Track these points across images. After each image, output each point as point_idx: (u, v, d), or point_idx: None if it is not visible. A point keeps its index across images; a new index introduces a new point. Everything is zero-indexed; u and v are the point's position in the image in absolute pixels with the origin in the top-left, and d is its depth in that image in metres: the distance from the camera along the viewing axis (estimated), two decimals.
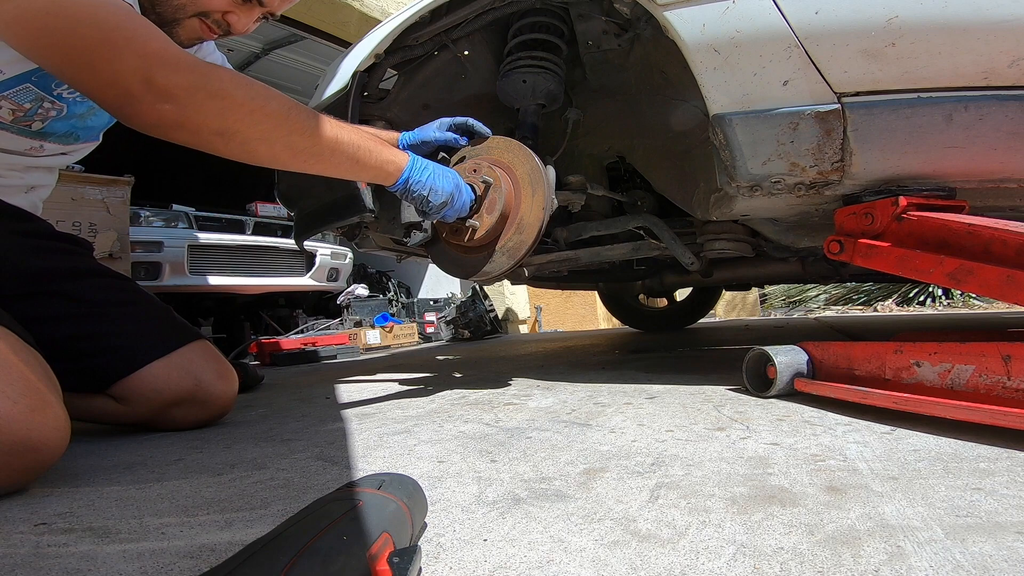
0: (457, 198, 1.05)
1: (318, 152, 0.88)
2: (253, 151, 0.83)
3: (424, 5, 1.28)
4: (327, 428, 0.99)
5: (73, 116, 0.98)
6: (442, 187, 1.02)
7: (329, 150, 0.89)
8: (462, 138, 1.19)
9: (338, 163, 0.92)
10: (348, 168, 0.94)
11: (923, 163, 0.91)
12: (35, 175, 1.05)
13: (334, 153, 0.90)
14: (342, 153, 0.91)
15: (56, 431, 0.72)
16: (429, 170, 1.01)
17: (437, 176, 1.02)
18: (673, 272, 2.18)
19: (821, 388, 0.91)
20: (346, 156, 0.91)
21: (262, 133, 0.82)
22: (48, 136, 0.99)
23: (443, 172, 1.04)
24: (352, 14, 3.27)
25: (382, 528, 0.40)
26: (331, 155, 0.90)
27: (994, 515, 0.47)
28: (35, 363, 0.77)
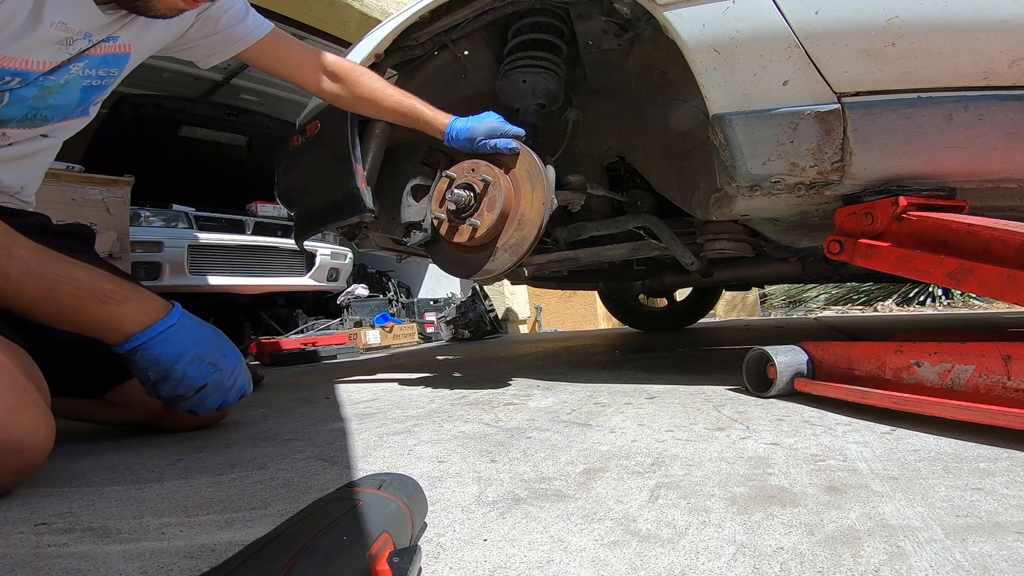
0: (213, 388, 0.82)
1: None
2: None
3: (424, 5, 1.28)
4: (327, 428, 0.99)
5: (22, 100, 0.90)
6: (192, 373, 0.80)
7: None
8: (507, 148, 1.17)
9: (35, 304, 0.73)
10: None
11: (923, 163, 0.91)
12: (17, 167, 0.99)
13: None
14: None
15: (37, 431, 0.69)
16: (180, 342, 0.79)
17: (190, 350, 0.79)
18: (673, 272, 2.17)
19: (821, 388, 0.91)
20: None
21: None
22: (5, 123, 0.91)
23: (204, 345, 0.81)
24: (352, 14, 3.27)
25: (382, 528, 0.40)
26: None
27: (994, 515, 0.47)
28: (19, 362, 0.74)
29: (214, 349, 0.83)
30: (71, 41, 0.88)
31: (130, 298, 0.78)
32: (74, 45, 0.89)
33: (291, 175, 1.61)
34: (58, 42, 0.87)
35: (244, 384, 0.89)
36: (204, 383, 0.82)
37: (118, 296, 0.77)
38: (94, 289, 0.76)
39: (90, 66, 0.94)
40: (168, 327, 0.79)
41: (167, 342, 0.79)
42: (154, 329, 0.78)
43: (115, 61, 0.98)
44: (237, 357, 0.87)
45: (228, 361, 0.84)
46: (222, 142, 4.16)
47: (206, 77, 4.18)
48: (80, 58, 0.92)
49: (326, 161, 1.41)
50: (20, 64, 0.85)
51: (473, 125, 1.19)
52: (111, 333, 0.77)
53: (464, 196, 1.18)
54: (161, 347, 0.79)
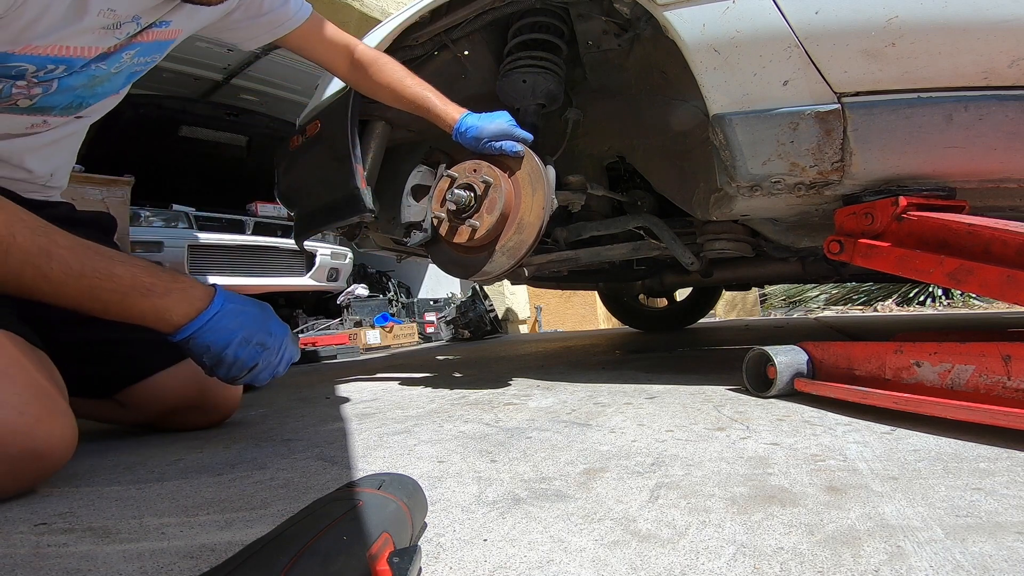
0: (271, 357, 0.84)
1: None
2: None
3: (424, 5, 1.28)
4: (327, 428, 0.99)
5: (70, 89, 0.90)
6: (243, 355, 0.81)
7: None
8: (512, 151, 1.17)
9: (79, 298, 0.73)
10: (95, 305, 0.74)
11: (923, 163, 0.91)
12: (51, 152, 0.98)
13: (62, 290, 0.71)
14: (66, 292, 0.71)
15: (62, 440, 0.71)
16: (227, 327, 0.79)
17: (237, 334, 0.80)
18: (673, 272, 2.17)
19: (821, 388, 0.91)
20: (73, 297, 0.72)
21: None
22: (48, 111, 0.91)
23: (250, 327, 0.81)
24: (352, 14, 3.27)
25: (382, 528, 0.40)
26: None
27: (994, 515, 0.47)
28: (43, 368, 0.76)
29: (260, 328, 0.83)
30: (119, 25, 0.86)
31: (172, 289, 0.78)
32: (122, 29, 0.87)
33: (291, 175, 1.61)
34: (104, 27, 0.85)
35: (292, 354, 0.90)
36: (255, 362, 0.83)
37: (160, 288, 0.77)
38: (136, 284, 0.75)
39: (140, 53, 0.94)
40: (214, 315, 0.79)
41: (215, 329, 0.79)
42: (201, 319, 0.79)
43: (162, 47, 0.98)
44: (283, 331, 0.87)
45: (274, 338, 0.85)
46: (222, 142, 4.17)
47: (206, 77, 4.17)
48: (131, 45, 0.90)
49: (326, 161, 1.41)
50: (63, 51, 0.83)
51: (483, 125, 1.18)
52: (161, 324, 0.78)
53: (464, 196, 1.18)
54: (210, 335, 0.79)
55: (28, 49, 0.80)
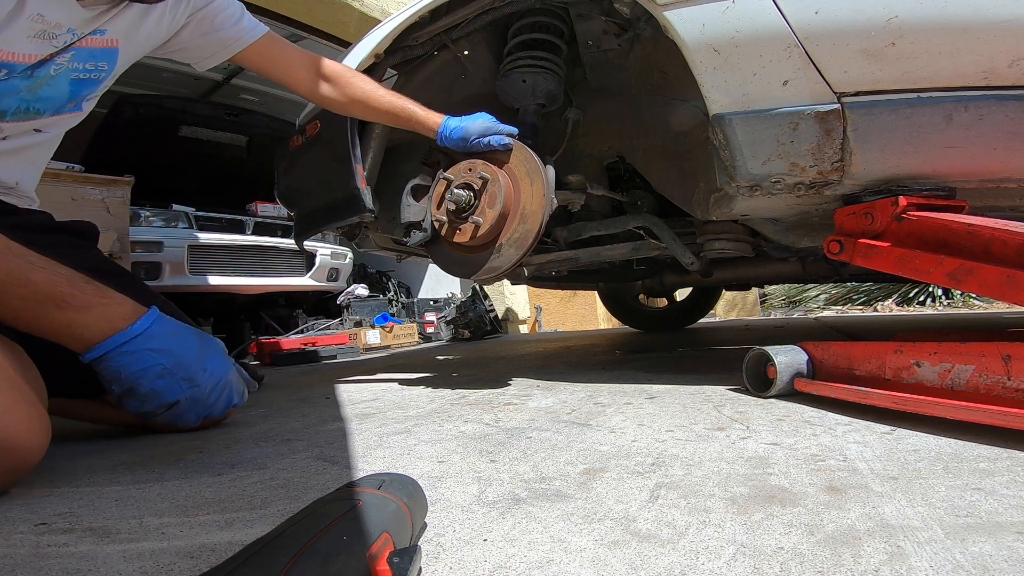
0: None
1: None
2: None
3: (424, 5, 1.28)
4: (327, 428, 0.99)
5: (13, 92, 0.89)
6: (161, 388, 0.75)
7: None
8: (500, 144, 1.18)
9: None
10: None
11: (923, 163, 0.91)
12: (12, 162, 0.98)
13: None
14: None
15: (31, 431, 0.68)
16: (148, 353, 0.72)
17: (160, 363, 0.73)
18: (673, 272, 2.18)
19: (821, 388, 0.91)
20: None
21: None
22: (2, 115, 0.90)
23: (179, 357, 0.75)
24: (352, 14, 3.27)
25: (382, 528, 0.40)
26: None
27: (994, 515, 0.47)
28: (16, 360, 0.73)
29: (192, 362, 0.76)
30: (53, 35, 0.88)
31: (92, 304, 0.73)
32: (57, 39, 0.89)
33: (291, 175, 1.61)
34: (37, 35, 0.87)
35: (231, 396, 0.82)
36: (175, 399, 0.75)
37: (77, 302, 0.72)
38: (51, 294, 0.71)
39: (77, 58, 0.94)
40: (134, 337, 0.73)
41: (130, 354, 0.73)
42: (115, 340, 0.72)
43: (103, 55, 0.98)
44: (223, 369, 0.79)
45: (209, 375, 0.78)
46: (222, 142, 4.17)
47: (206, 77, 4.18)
48: (66, 50, 0.92)
49: (326, 161, 1.41)
50: (4, 56, 0.85)
51: (467, 124, 1.20)
52: (72, 341, 0.72)
53: (464, 195, 1.18)
54: (123, 359, 0.73)
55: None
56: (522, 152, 1.17)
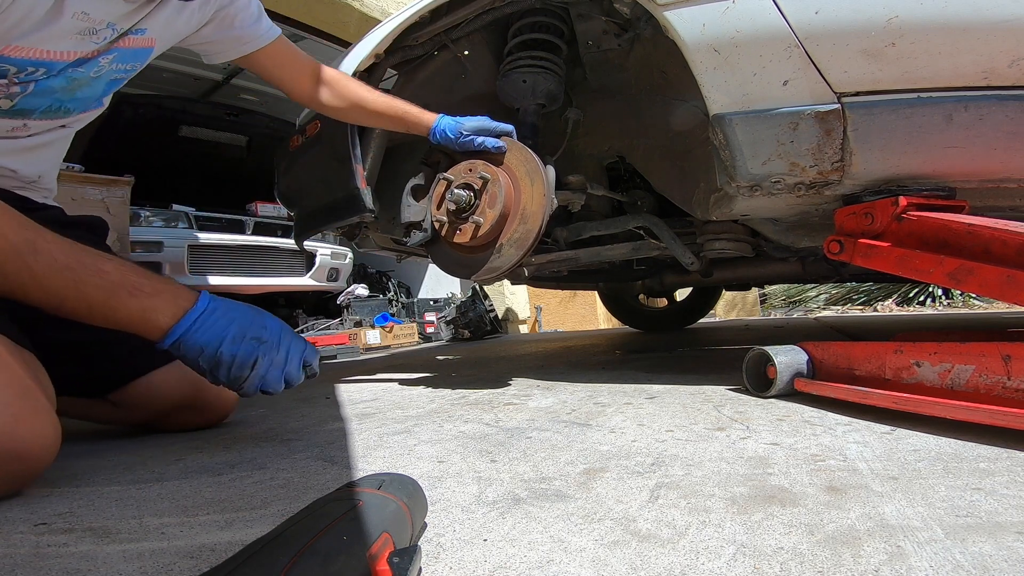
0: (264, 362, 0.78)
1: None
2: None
3: (424, 5, 1.28)
4: (327, 428, 0.99)
5: (48, 91, 0.89)
6: (239, 351, 0.76)
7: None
8: (501, 144, 1.19)
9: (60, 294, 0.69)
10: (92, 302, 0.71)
11: (923, 163, 0.91)
12: (35, 156, 0.99)
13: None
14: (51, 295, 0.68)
15: (42, 439, 0.69)
16: (218, 324, 0.75)
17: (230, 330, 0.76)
18: (673, 272, 2.18)
19: (821, 388, 0.91)
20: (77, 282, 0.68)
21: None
22: (28, 114, 0.91)
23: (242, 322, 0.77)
24: (352, 14, 3.27)
25: (382, 528, 0.40)
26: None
27: (994, 515, 0.47)
28: (27, 365, 0.75)
29: (252, 323, 0.79)
30: (94, 31, 0.87)
31: (160, 290, 0.75)
32: (99, 35, 0.88)
33: (291, 175, 1.61)
34: (80, 32, 0.86)
35: (300, 349, 0.84)
36: (254, 358, 0.78)
37: (148, 288, 0.74)
38: (124, 282, 0.72)
39: (118, 59, 0.94)
40: (201, 313, 0.76)
41: (204, 328, 0.75)
42: (188, 318, 0.75)
43: (141, 55, 0.99)
44: (278, 325, 0.82)
45: (270, 332, 0.80)
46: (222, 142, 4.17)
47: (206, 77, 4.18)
48: (110, 50, 0.91)
49: (326, 161, 1.41)
50: (43, 54, 0.84)
51: (462, 121, 1.21)
52: (147, 327, 0.74)
53: (464, 196, 1.18)
54: (200, 334, 0.75)
55: (10, 50, 0.80)
56: (522, 152, 1.17)
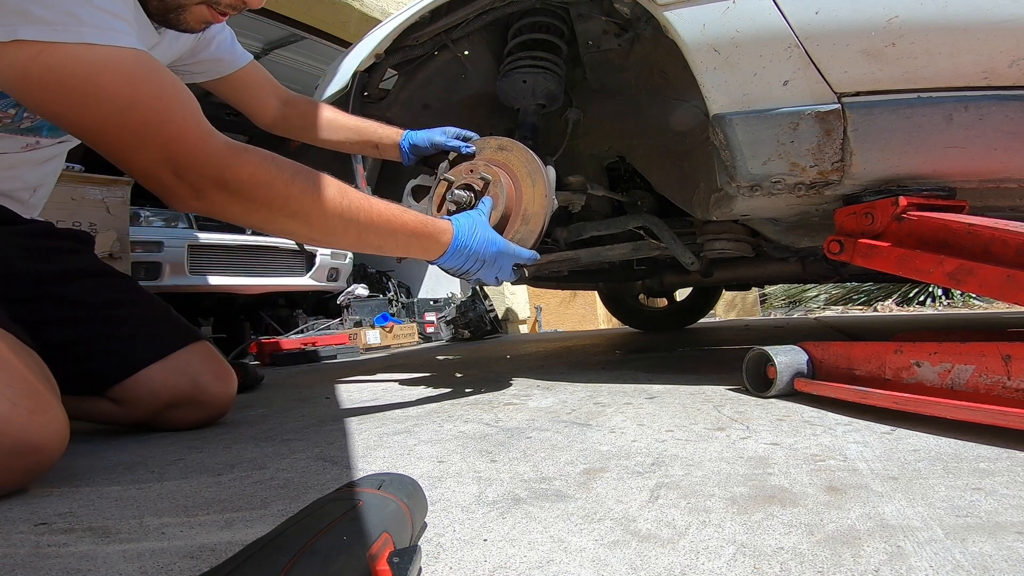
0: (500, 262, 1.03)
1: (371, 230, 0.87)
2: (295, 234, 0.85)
3: (424, 5, 1.28)
4: (327, 428, 0.99)
5: None
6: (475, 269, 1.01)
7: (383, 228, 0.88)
8: (470, 147, 1.20)
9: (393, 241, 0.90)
10: (400, 245, 0.92)
11: (923, 163, 0.91)
12: (37, 172, 1.04)
13: (392, 232, 0.89)
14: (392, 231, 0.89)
15: (56, 432, 0.71)
16: (476, 237, 0.99)
17: (482, 243, 1.00)
18: (673, 272, 2.18)
19: (821, 388, 0.91)
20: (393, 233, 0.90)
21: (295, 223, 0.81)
22: (39, 131, 0.97)
23: (486, 238, 1.01)
24: (352, 14, 3.27)
25: (382, 528, 0.40)
26: (389, 233, 0.89)
27: (994, 515, 0.47)
28: (34, 364, 0.77)
29: (483, 246, 1.00)
30: None
31: (437, 222, 0.96)
32: None
33: None
34: None
35: (511, 262, 1.07)
36: (478, 270, 1.02)
37: (430, 221, 0.95)
38: (421, 218, 0.94)
39: None
40: (457, 241, 0.97)
41: (456, 254, 0.98)
42: (454, 244, 0.97)
43: None
44: (495, 250, 1.02)
45: (489, 253, 1.01)
46: None
47: None
48: None
49: (326, 161, 1.41)
50: None
51: (431, 129, 1.24)
52: (437, 248, 0.96)
53: (465, 196, 1.18)
54: (457, 259, 0.98)
55: None
56: (523, 153, 1.17)
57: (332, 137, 1.27)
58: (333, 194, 0.82)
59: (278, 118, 1.26)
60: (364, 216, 0.85)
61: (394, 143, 1.24)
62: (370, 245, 0.89)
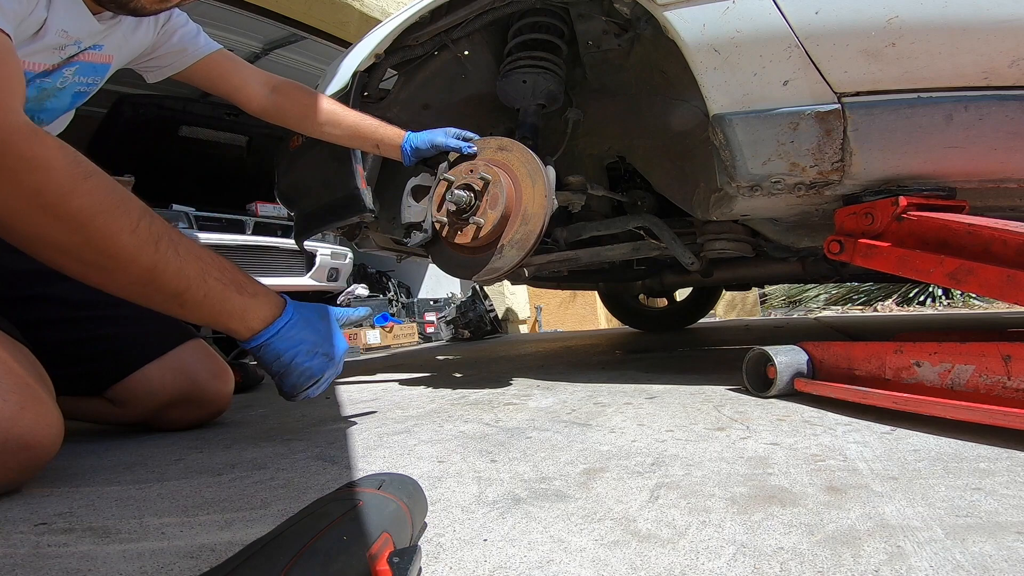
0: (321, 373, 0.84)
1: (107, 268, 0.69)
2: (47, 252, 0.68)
3: (424, 5, 1.28)
4: (327, 428, 0.99)
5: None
6: (310, 364, 0.82)
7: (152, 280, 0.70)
8: (471, 147, 1.20)
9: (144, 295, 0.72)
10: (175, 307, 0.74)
11: (923, 163, 0.91)
12: None
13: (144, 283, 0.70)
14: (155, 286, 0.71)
15: (48, 428, 0.70)
16: (297, 336, 0.81)
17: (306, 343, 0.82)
18: (673, 272, 2.18)
19: (821, 388, 0.91)
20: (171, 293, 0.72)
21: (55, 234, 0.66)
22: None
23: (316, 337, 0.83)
24: (352, 14, 3.27)
25: (382, 528, 0.40)
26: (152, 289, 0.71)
27: (994, 515, 0.47)
28: (25, 360, 0.76)
29: (325, 340, 0.85)
30: (63, 46, 0.91)
31: (259, 292, 0.80)
32: (65, 50, 0.91)
33: (291, 175, 1.61)
34: (55, 47, 0.89)
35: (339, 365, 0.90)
36: (322, 373, 0.84)
37: (251, 288, 0.79)
38: (236, 279, 0.77)
39: (80, 72, 0.96)
40: (286, 323, 0.81)
41: (286, 338, 0.80)
42: (276, 326, 0.80)
43: (100, 70, 1.01)
44: (343, 345, 0.88)
45: (337, 350, 0.87)
46: (222, 142, 4.16)
47: None
48: (71, 63, 0.94)
49: (326, 161, 1.41)
50: (25, 65, 0.86)
51: (433, 130, 1.22)
52: (242, 326, 0.79)
53: (464, 196, 1.18)
54: (281, 343, 0.80)
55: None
56: (523, 153, 1.17)
57: (332, 131, 1.25)
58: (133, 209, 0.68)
59: (268, 105, 1.23)
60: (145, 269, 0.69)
61: (396, 145, 1.24)
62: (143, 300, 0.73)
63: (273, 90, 1.24)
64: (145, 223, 0.69)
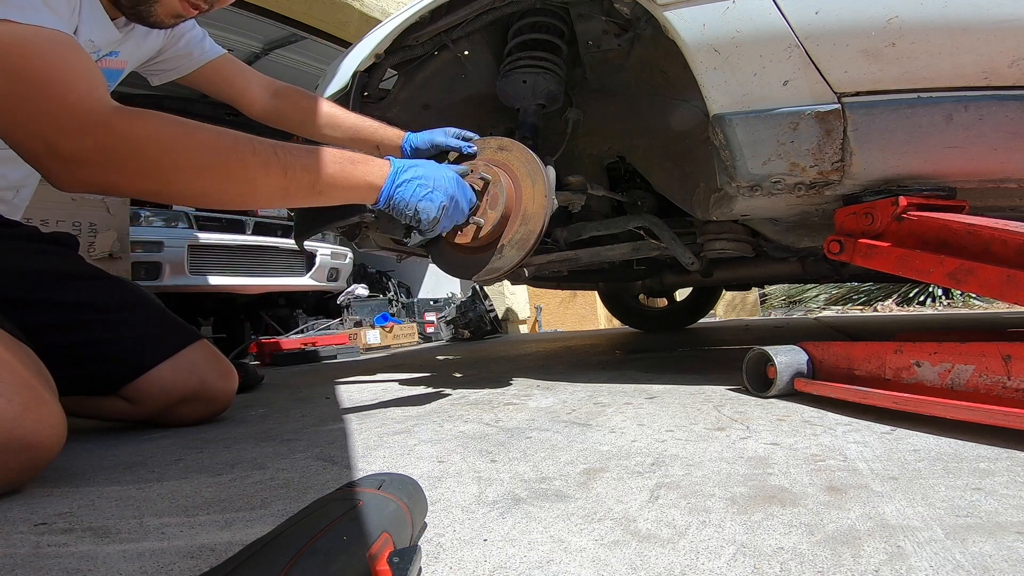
0: (452, 206, 0.95)
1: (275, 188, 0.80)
2: (199, 197, 0.78)
3: (424, 5, 1.28)
4: (327, 428, 0.99)
5: None
6: (434, 198, 0.92)
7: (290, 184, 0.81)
8: (471, 146, 1.20)
9: (302, 196, 0.84)
10: (313, 197, 0.85)
11: (923, 163, 0.91)
12: (20, 170, 1.03)
13: (296, 187, 0.82)
14: (302, 184, 0.82)
15: (51, 428, 0.71)
16: (418, 176, 0.92)
17: (427, 181, 0.92)
18: (673, 272, 2.18)
19: (821, 388, 0.91)
20: (308, 186, 0.83)
21: (201, 182, 0.77)
22: None
23: (435, 174, 0.94)
24: (352, 14, 3.27)
25: (382, 528, 0.40)
26: (293, 189, 0.82)
27: (994, 515, 0.47)
28: (29, 360, 0.77)
29: (431, 174, 0.94)
30: (90, 55, 0.92)
31: (368, 159, 0.91)
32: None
33: None
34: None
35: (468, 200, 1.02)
36: (442, 202, 0.93)
37: (360, 159, 0.90)
38: (347, 156, 0.88)
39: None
40: (397, 172, 0.91)
41: (405, 183, 0.91)
42: (391, 177, 0.91)
43: (114, 75, 1.04)
44: (444, 172, 0.97)
45: (443, 178, 0.95)
46: None
47: None
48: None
49: None
50: None
51: (432, 131, 1.22)
52: (368, 192, 0.90)
53: None
54: (403, 190, 0.91)
55: None
56: (523, 153, 1.17)
57: (332, 134, 1.26)
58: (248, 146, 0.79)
59: (269, 109, 1.25)
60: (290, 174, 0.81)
61: (396, 145, 1.24)
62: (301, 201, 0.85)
63: (274, 94, 1.25)
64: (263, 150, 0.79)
